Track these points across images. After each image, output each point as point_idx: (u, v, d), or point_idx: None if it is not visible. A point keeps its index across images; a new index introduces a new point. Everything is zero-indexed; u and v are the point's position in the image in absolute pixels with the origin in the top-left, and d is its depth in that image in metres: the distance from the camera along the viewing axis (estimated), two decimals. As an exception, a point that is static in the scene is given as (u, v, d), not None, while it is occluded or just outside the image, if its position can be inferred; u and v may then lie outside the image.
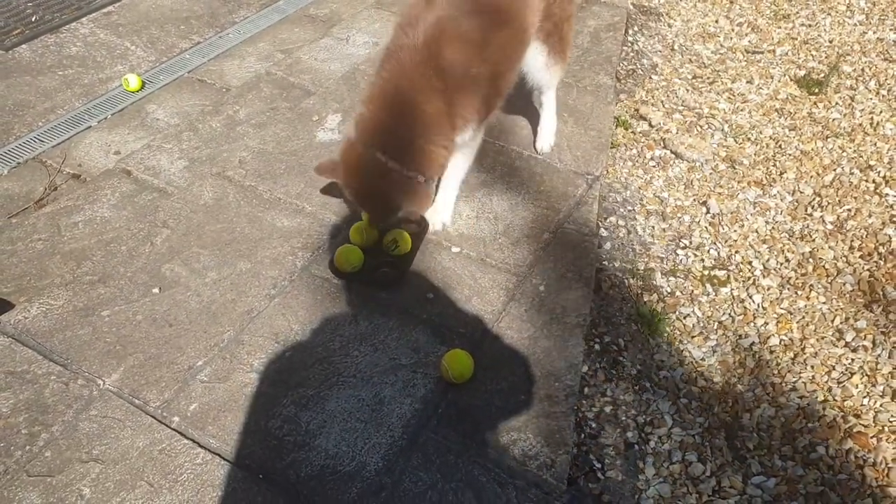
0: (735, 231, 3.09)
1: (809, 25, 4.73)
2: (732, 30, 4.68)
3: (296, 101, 3.65)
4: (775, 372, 2.54)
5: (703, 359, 2.58)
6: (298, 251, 2.70)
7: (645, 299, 2.77)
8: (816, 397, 2.45)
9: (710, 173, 3.40)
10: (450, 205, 2.85)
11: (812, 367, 2.55)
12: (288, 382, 2.25)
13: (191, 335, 2.37)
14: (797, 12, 4.89)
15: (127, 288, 2.51)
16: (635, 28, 4.50)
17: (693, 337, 2.65)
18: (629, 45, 4.30)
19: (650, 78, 4.07)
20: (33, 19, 4.46)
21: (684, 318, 2.72)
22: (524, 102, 3.45)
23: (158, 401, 2.17)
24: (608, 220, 3.07)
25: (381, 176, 2.36)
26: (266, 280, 2.58)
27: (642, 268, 2.88)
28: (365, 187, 2.45)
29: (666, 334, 2.64)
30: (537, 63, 2.91)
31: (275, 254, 2.68)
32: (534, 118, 3.34)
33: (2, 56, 4.16)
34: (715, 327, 2.69)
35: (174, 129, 3.58)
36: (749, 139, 3.64)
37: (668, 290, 2.82)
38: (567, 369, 2.35)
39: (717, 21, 4.76)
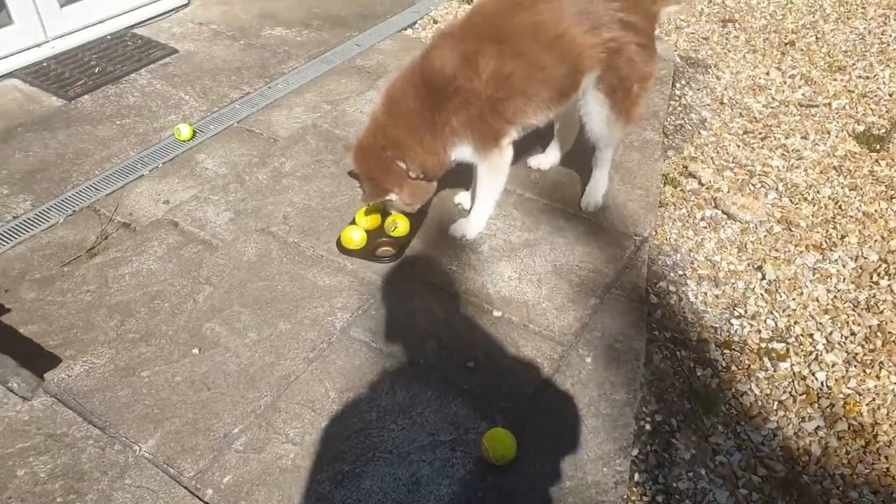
0: (793, 300, 2.96)
1: (867, 78, 4.60)
2: (784, 82, 4.57)
3: (340, 155, 3.66)
4: (845, 462, 2.38)
5: (763, 443, 2.44)
6: (338, 311, 2.68)
7: (699, 374, 2.65)
8: (893, 493, 2.28)
9: (765, 236, 3.28)
10: (474, 220, 2.99)
11: (886, 457, 2.38)
12: (323, 456, 2.20)
13: (228, 400, 2.35)
14: (853, 64, 4.76)
15: (168, 347, 2.51)
16: (683, 81, 4.42)
17: (751, 418, 2.52)
18: (676, 98, 4.22)
19: (699, 133, 3.98)
20: (96, 70, 4.59)
21: (741, 395, 2.59)
22: (570, 159, 3.40)
23: (193, 471, 2.14)
24: (658, 286, 2.97)
25: (377, 160, 2.75)
26: (305, 342, 2.56)
27: (695, 339, 2.77)
28: (365, 167, 2.81)
29: (722, 414, 2.52)
30: (597, 116, 2.88)
31: (315, 314, 2.66)
32: (582, 175, 3.29)
33: (65, 106, 4.28)
34: (775, 407, 2.55)
35: (222, 179, 3.61)
36: (806, 199, 3.51)
37: (724, 364, 2.69)
38: (616, 452, 2.25)
39: (767, 73, 4.66)
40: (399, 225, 3.00)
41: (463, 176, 3.07)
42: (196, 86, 4.57)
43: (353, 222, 3.07)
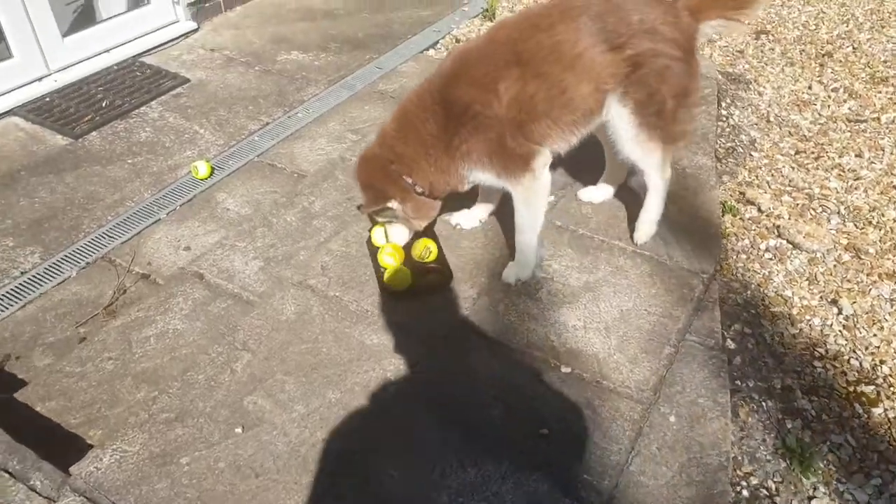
0: (874, 335, 2.74)
1: (912, 89, 4.39)
2: (829, 96, 4.35)
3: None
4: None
5: (869, 503, 2.21)
6: (390, 374, 2.45)
7: (789, 426, 2.42)
8: None
9: (834, 266, 3.06)
10: (524, 258, 2.81)
11: None
12: (393, 549, 1.96)
13: (280, 487, 2.10)
14: (895, 75, 4.55)
15: (207, 428, 2.26)
16: (727, 100, 4.20)
17: (852, 474, 2.29)
18: (724, 119, 4.00)
19: (751, 155, 3.76)
20: (104, 104, 4.35)
21: (837, 448, 2.36)
22: (624, 192, 3.17)
23: (249, 573, 1.90)
24: (733, 328, 2.74)
25: (381, 171, 2.71)
26: (357, 413, 2.31)
27: (779, 386, 2.54)
28: (366, 176, 2.78)
29: (821, 472, 2.28)
30: (625, 135, 2.68)
31: (365, 379, 2.42)
32: (634, 208, 3.05)
33: (72, 145, 4.05)
34: (875, 460, 2.32)
35: (247, 223, 3.37)
36: (870, 223, 3.29)
37: (813, 413, 2.47)
38: (716, 528, 2.01)
39: (809, 87, 4.45)
40: (431, 249, 2.90)
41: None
42: (211, 118, 4.34)
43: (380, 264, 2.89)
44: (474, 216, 3.11)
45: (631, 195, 3.15)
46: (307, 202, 3.47)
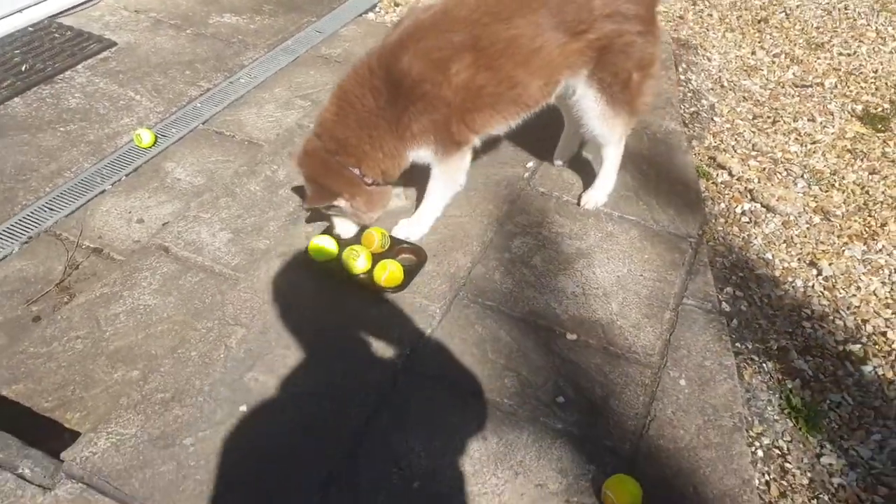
0: (853, 296, 2.84)
1: (848, 55, 4.58)
2: (773, 62, 4.48)
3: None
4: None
5: (873, 458, 2.28)
6: (396, 345, 2.33)
7: (789, 386, 2.47)
8: None
9: (807, 228, 3.15)
10: (423, 220, 2.74)
11: None
12: (427, 523, 1.87)
13: (296, 464, 1.97)
14: (829, 41, 4.74)
15: (208, 406, 2.10)
16: (683, 65, 4.25)
17: (854, 430, 2.36)
18: (683, 84, 4.05)
19: (713, 121, 3.82)
20: (23, 69, 3.97)
21: (837, 406, 2.43)
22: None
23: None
24: (725, 291, 2.78)
25: (322, 165, 2.50)
26: (367, 385, 2.20)
27: (776, 347, 2.59)
28: (309, 170, 2.55)
29: (825, 430, 2.34)
30: (593, 113, 2.66)
31: (371, 350, 2.31)
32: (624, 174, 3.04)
33: (-7, 112, 3.67)
34: (873, 416, 2.40)
35: (208, 193, 3.15)
36: (833, 186, 3.41)
37: (810, 372, 2.53)
38: (741, 488, 2.03)
39: (753, 53, 4.57)
40: (385, 234, 2.67)
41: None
42: (146, 83, 4.04)
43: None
44: None
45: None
46: (269, 171, 3.28)
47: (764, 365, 2.53)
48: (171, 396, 2.12)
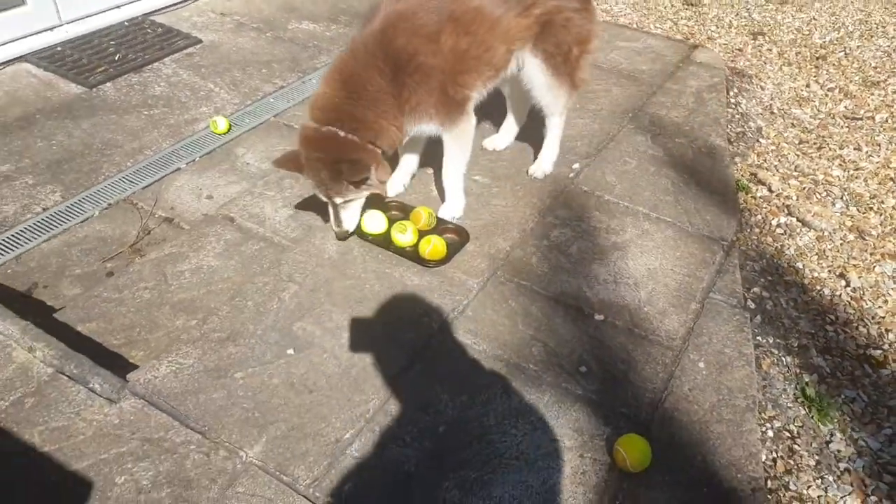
0: (880, 308, 2.91)
1: (902, 93, 4.62)
2: (826, 95, 4.56)
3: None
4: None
5: (882, 450, 2.36)
6: (433, 312, 2.52)
7: (806, 380, 2.56)
8: None
9: (841, 243, 3.23)
10: (456, 197, 2.97)
11: None
12: (447, 462, 2.03)
13: (334, 403, 2.16)
14: (886, 80, 4.79)
15: (259, 348, 2.31)
16: (734, 90, 4.38)
17: (865, 424, 2.44)
18: (733, 107, 4.17)
19: (759, 141, 3.93)
20: (116, 58, 4.34)
21: (851, 402, 2.51)
22: (644, 167, 3.30)
23: (308, 478, 1.95)
24: (752, 291, 2.89)
25: (347, 145, 2.58)
26: (404, 343, 2.39)
27: (796, 345, 2.69)
28: (334, 152, 2.59)
29: (837, 420, 2.42)
30: (538, 82, 2.97)
31: (410, 314, 2.49)
32: (653, 179, 3.19)
33: (87, 94, 4.02)
34: (886, 413, 2.47)
35: (273, 174, 3.41)
36: (871, 209, 3.48)
37: (828, 370, 2.61)
38: (747, 459, 2.13)
39: (807, 85, 4.65)
40: (432, 213, 2.89)
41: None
42: (225, 77, 4.35)
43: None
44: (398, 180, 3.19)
45: (650, 169, 3.28)
46: (331, 158, 3.52)
47: (783, 358, 2.62)
48: (227, 336, 2.34)
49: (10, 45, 4.21)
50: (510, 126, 3.48)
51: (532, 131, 3.40)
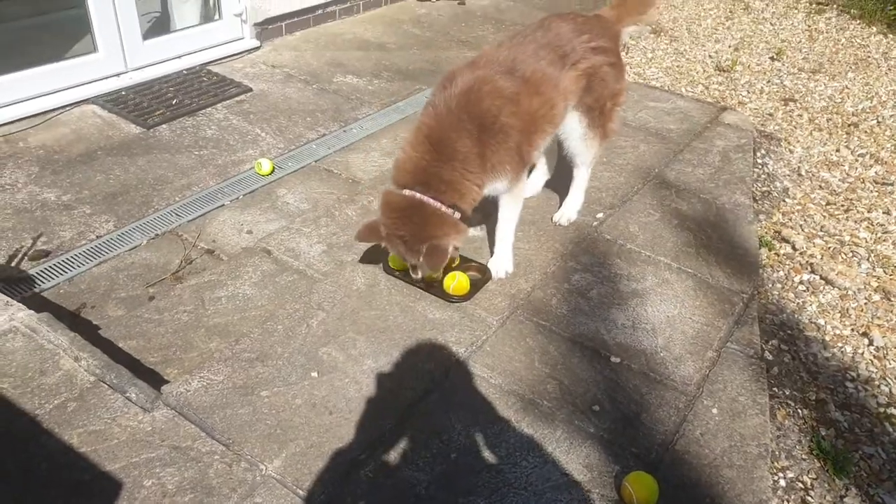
0: (902, 368, 2.91)
1: (936, 164, 4.64)
2: (856, 160, 4.60)
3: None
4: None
5: (898, 508, 2.36)
6: (452, 345, 2.61)
7: (822, 433, 2.57)
8: None
9: (865, 303, 3.25)
10: (507, 253, 3.03)
11: None
12: (457, 488, 2.10)
13: (351, 425, 2.26)
14: (919, 150, 4.82)
15: (285, 369, 2.43)
16: (762, 151, 4.47)
17: (883, 480, 2.43)
18: (759, 166, 4.26)
19: (784, 201, 3.99)
20: (174, 102, 4.62)
21: (869, 458, 2.51)
22: (666, 220, 3.39)
23: (324, 494, 2.04)
24: (770, 343, 2.92)
25: (434, 214, 2.61)
26: (422, 373, 2.49)
27: (814, 398, 2.71)
28: (423, 230, 2.61)
29: (853, 475, 2.43)
30: (575, 134, 3.12)
31: (430, 346, 2.59)
32: (675, 231, 3.27)
33: (144, 134, 4.29)
34: (904, 474, 2.48)
35: (311, 213, 3.58)
36: (898, 272, 3.49)
37: (846, 425, 2.62)
38: (757, 505, 2.16)
39: (837, 150, 4.71)
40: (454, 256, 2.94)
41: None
42: (272, 124, 4.59)
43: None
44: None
45: (673, 222, 3.37)
46: (366, 201, 3.69)
47: (799, 411, 2.64)
48: (256, 357, 2.47)
49: (80, 87, 4.55)
50: (539, 175, 3.61)
51: (558, 180, 3.53)
